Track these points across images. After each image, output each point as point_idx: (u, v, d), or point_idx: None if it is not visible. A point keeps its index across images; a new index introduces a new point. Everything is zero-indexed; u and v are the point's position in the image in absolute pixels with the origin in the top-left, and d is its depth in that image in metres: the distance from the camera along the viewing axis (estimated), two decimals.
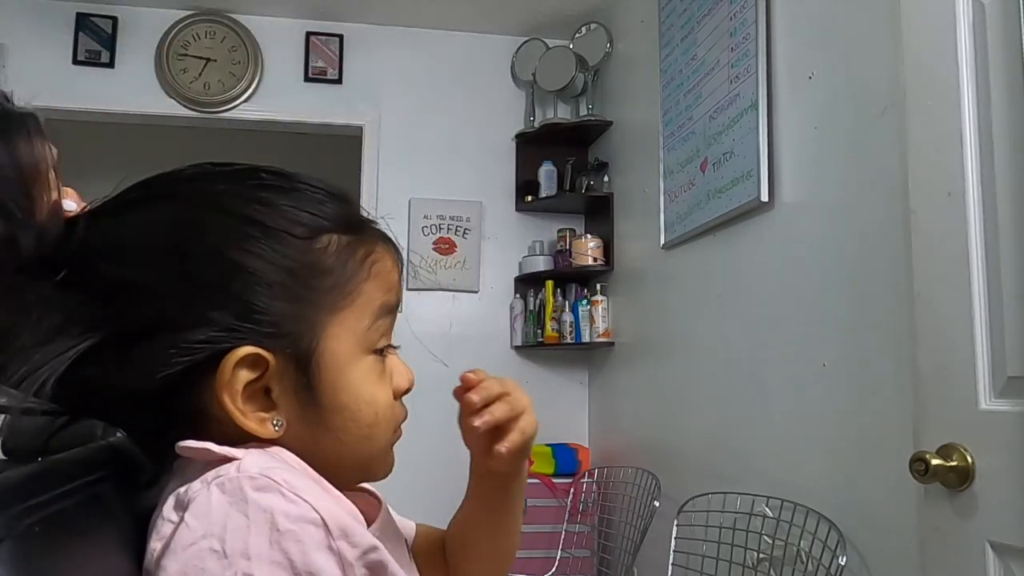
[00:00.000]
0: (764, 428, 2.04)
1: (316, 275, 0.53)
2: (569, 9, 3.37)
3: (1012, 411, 1.06)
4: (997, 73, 1.11)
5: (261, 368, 0.51)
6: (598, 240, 3.25)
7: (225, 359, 0.50)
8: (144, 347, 0.49)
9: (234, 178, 0.55)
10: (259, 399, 0.52)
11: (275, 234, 0.52)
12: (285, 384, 0.53)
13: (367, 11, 3.41)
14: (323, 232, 0.54)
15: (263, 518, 0.45)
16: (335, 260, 0.54)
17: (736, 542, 1.93)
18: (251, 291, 0.51)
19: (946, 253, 1.17)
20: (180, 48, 3.34)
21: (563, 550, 3.01)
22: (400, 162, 3.43)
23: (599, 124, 3.34)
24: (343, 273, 0.54)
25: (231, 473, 0.47)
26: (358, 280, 0.55)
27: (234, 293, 0.51)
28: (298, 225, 0.53)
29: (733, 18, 2.23)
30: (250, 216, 0.52)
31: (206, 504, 0.46)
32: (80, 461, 0.57)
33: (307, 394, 0.53)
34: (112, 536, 0.52)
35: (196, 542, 0.45)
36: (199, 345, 0.49)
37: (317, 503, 0.47)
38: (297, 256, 0.52)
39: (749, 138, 2.10)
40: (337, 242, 0.54)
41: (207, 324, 0.50)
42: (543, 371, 3.48)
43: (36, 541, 0.43)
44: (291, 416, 0.53)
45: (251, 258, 0.51)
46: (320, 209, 0.54)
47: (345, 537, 0.47)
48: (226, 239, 0.51)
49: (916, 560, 1.31)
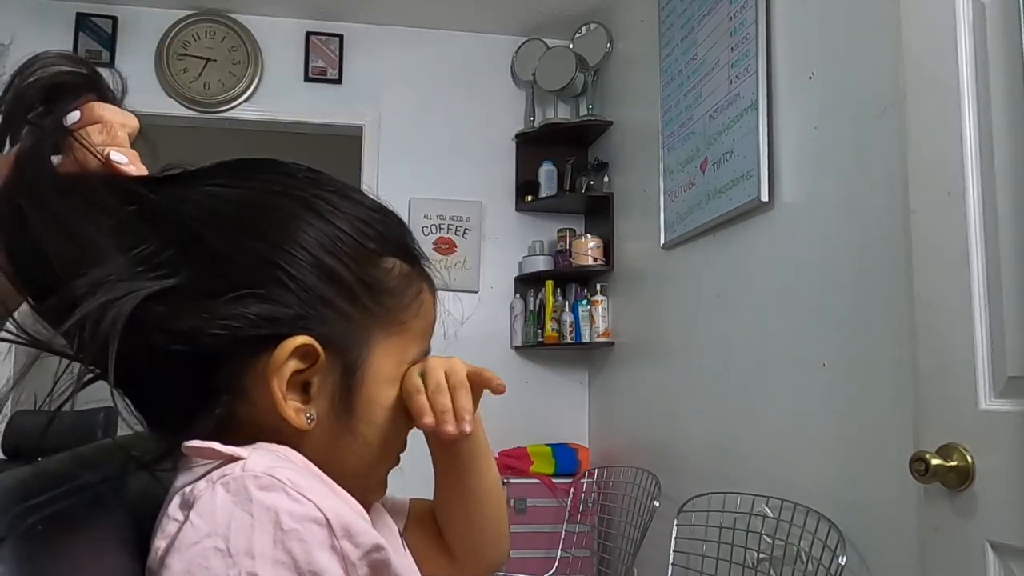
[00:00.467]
0: (764, 428, 2.04)
1: (380, 292, 0.56)
2: (569, 9, 3.37)
3: (1012, 411, 1.06)
4: (997, 73, 1.11)
5: (310, 361, 0.53)
6: (598, 240, 3.26)
7: (284, 343, 0.52)
8: (210, 305, 0.50)
9: (320, 184, 0.57)
10: (297, 391, 0.54)
11: (352, 243, 0.55)
12: (326, 383, 0.54)
13: (367, 11, 3.42)
14: (389, 254, 0.57)
15: (267, 517, 0.45)
16: (397, 283, 0.57)
17: (736, 542, 1.93)
18: (322, 287, 0.53)
19: (946, 253, 1.17)
20: (180, 48, 3.35)
21: (563, 550, 3.02)
22: (400, 162, 3.43)
23: (599, 124, 3.34)
24: (401, 299, 0.57)
25: (235, 472, 0.47)
26: (411, 313, 0.58)
27: (307, 284, 0.53)
28: (371, 240, 0.56)
29: (733, 18, 2.23)
30: (334, 222, 0.55)
31: (211, 503, 0.46)
32: (81, 460, 0.57)
33: (344, 398, 0.55)
34: (113, 535, 0.52)
35: (200, 540, 0.45)
36: (263, 320, 0.51)
37: (321, 502, 0.47)
38: (368, 268, 0.56)
39: (749, 138, 2.10)
40: (400, 268, 0.58)
41: (275, 303, 0.52)
42: (543, 371, 3.48)
43: (38, 540, 0.44)
44: (321, 413, 0.55)
45: (329, 257, 0.54)
46: (388, 230, 0.58)
47: (348, 536, 0.47)
48: (310, 236, 0.54)
49: (916, 560, 1.31)
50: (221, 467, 0.49)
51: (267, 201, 0.55)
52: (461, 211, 3.45)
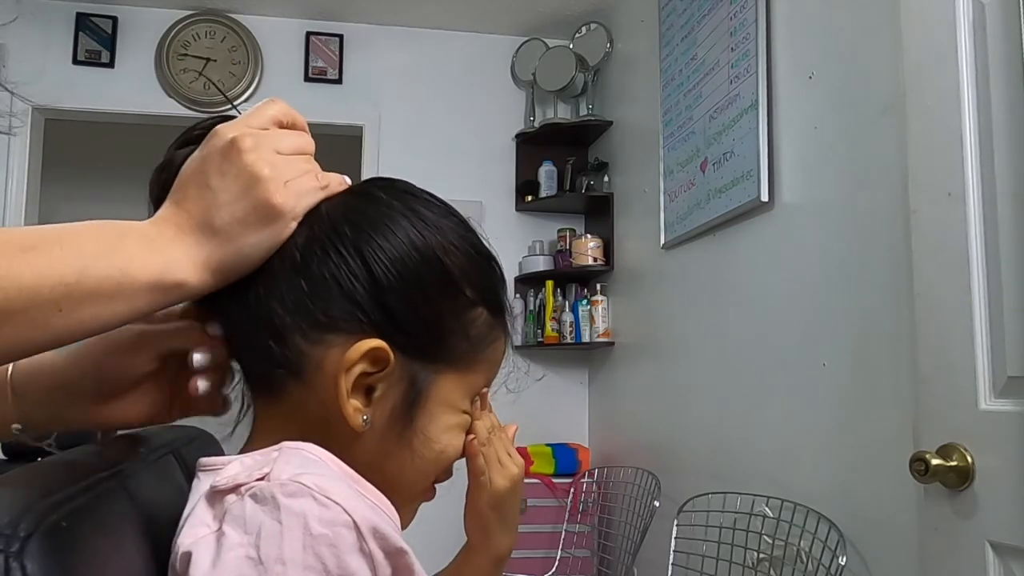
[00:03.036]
0: (764, 428, 2.04)
1: (458, 336, 0.58)
2: (569, 9, 3.37)
3: (1012, 411, 1.06)
4: (997, 73, 1.11)
5: (380, 366, 0.55)
6: (598, 240, 3.26)
7: (359, 343, 0.53)
8: (306, 284, 0.54)
9: (444, 215, 0.60)
10: (360, 392, 0.55)
11: (448, 279, 0.57)
12: (390, 391, 0.56)
13: (367, 11, 3.42)
14: (480, 304, 0.59)
15: (296, 523, 0.46)
16: (479, 331, 0.59)
17: (736, 542, 1.93)
18: (405, 303, 0.55)
19: (946, 253, 1.17)
20: (180, 48, 3.34)
21: (563, 550, 3.02)
22: (400, 162, 3.43)
23: (599, 124, 3.34)
24: (476, 344, 0.60)
25: (262, 483, 0.48)
26: (482, 356, 0.60)
27: (391, 293, 0.55)
28: (470, 287, 0.58)
29: (733, 18, 2.23)
30: (440, 256, 0.57)
31: (241, 515, 0.47)
32: (91, 455, 0.58)
33: (406, 409, 0.57)
34: (130, 530, 0.53)
35: (233, 549, 0.46)
36: (347, 313, 0.54)
37: (348, 505, 0.47)
38: (454, 313, 0.58)
39: (749, 138, 2.10)
40: (484, 319, 0.60)
41: (355, 305, 0.54)
42: (543, 371, 3.48)
43: (64, 537, 0.44)
44: (376, 419, 0.56)
45: (421, 286, 0.56)
46: (488, 281, 0.60)
47: (376, 538, 0.47)
48: (414, 255, 0.56)
49: (916, 560, 1.31)
50: (247, 472, 0.49)
51: (386, 216, 0.57)
52: (461, 211, 3.43)
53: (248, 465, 0.51)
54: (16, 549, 0.40)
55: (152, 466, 0.63)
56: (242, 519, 0.47)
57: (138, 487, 0.57)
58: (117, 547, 0.51)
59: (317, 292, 0.54)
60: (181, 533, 0.49)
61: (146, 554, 0.52)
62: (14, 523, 0.41)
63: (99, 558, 0.48)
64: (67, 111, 3.27)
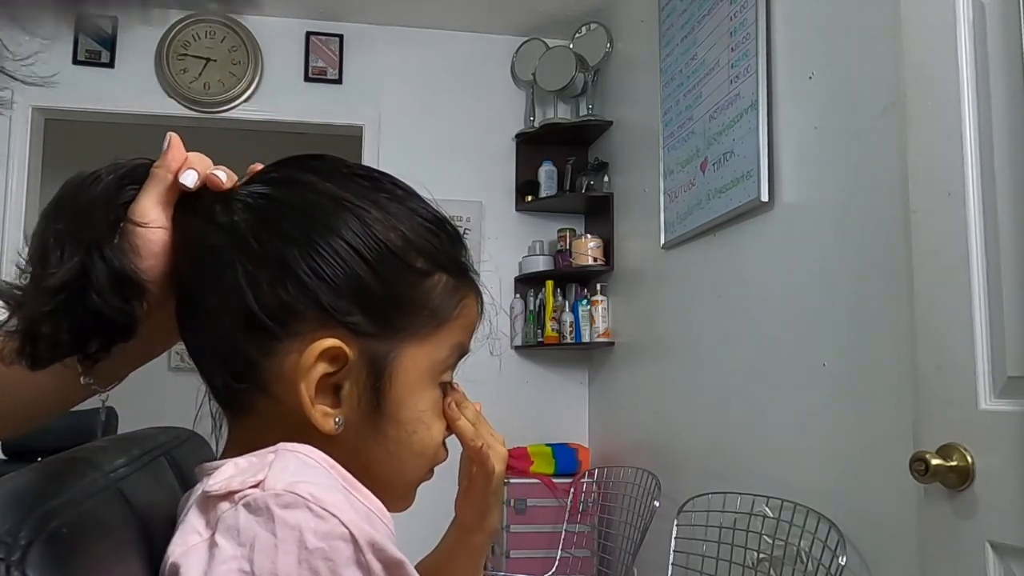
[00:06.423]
0: (764, 428, 2.04)
1: (417, 307, 0.56)
2: (569, 9, 3.37)
3: (1012, 411, 1.06)
4: (997, 73, 1.11)
5: (339, 364, 0.53)
6: (598, 240, 3.25)
7: (311, 347, 0.52)
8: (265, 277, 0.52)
9: (378, 189, 0.57)
10: (328, 394, 0.54)
11: (392, 255, 0.55)
12: (356, 384, 0.54)
13: (367, 11, 3.42)
14: (436, 271, 0.57)
15: (291, 536, 0.44)
16: (438, 299, 0.57)
17: (736, 542, 1.93)
18: (356, 290, 0.53)
19: (946, 253, 1.17)
20: (180, 48, 3.34)
21: (563, 550, 3.02)
22: (400, 162, 3.43)
23: (599, 124, 3.34)
24: (439, 311, 0.57)
25: (256, 492, 0.47)
26: (449, 317, 0.58)
27: (337, 286, 0.53)
28: (419, 257, 0.56)
29: (733, 18, 2.23)
30: (378, 235, 0.54)
31: (234, 525, 0.46)
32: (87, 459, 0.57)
33: (373, 397, 0.55)
34: (127, 535, 0.53)
35: (226, 563, 0.45)
36: (291, 305, 0.52)
37: (344, 516, 0.46)
38: (408, 286, 0.56)
39: (749, 138, 2.10)
40: (444, 283, 0.57)
41: (293, 297, 0.53)
42: (543, 371, 3.48)
43: (65, 543, 0.43)
44: (350, 417, 0.55)
45: (368, 270, 0.54)
46: (439, 244, 0.57)
47: (373, 550, 0.46)
48: (352, 239, 0.54)
49: (916, 560, 1.31)
50: (241, 478, 0.48)
51: (312, 203, 0.55)
52: (461, 211, 3.45)
53: (243, 468, 0.49)
54: (17, 558, 0.40)
55: (145, 469, 0.63)
56: (235, 529, 0.45)
57: (133, 491, 0.56)
58: (117, 552, 0.50)
59: (262, 303, 0.52)
60: (172, 541, 0.48)
61: (144, 559, 0.51)
62: (14, 531, 0.40)
63: (100, 565, 0.47)
64: (67, 111, 3.27)
